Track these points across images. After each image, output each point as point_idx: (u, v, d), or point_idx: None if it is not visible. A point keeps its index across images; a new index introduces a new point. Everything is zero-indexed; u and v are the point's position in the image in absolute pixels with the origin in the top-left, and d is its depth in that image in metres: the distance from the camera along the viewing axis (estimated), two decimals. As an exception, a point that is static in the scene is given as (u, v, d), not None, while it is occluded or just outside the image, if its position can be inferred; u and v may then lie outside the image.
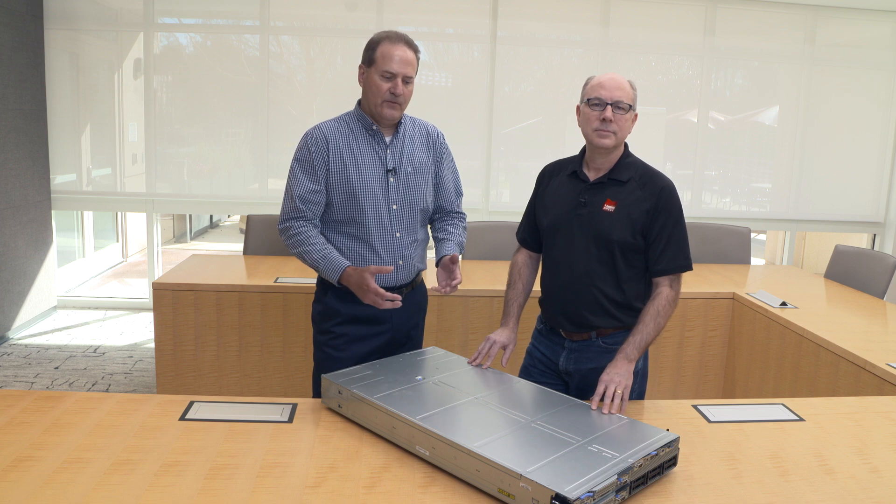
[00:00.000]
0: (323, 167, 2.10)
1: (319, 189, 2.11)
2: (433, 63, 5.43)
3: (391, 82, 2.06)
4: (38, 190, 4.93)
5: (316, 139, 2.11)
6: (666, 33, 5.39)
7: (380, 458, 1.55)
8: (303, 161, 2.12)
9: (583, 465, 1.37)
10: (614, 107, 1.89)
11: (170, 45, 5.24)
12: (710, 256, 4.20)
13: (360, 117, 2.16)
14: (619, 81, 1.91)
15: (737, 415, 1.87)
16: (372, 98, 2.09)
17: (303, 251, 2.10)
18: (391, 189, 2.14)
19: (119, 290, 6.21)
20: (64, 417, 1.69)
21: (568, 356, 2.03)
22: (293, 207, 2.11)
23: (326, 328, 2.19)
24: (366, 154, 2.13)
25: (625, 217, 1.91)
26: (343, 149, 2.11)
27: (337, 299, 2.16)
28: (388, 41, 2.06)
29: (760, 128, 5.77)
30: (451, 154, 2.36)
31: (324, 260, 2.08)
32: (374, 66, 2.06)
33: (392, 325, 2.19)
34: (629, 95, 1.91)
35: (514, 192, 5.50)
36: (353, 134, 2.14)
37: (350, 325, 2.16)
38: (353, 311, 2.14)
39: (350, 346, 2.15)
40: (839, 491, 1.47)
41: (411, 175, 2.18)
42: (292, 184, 2.12)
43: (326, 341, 2.19)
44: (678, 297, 1.95)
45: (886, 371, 2.31)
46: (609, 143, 1.93)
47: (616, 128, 1.91)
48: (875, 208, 5.71)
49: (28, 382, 3.92)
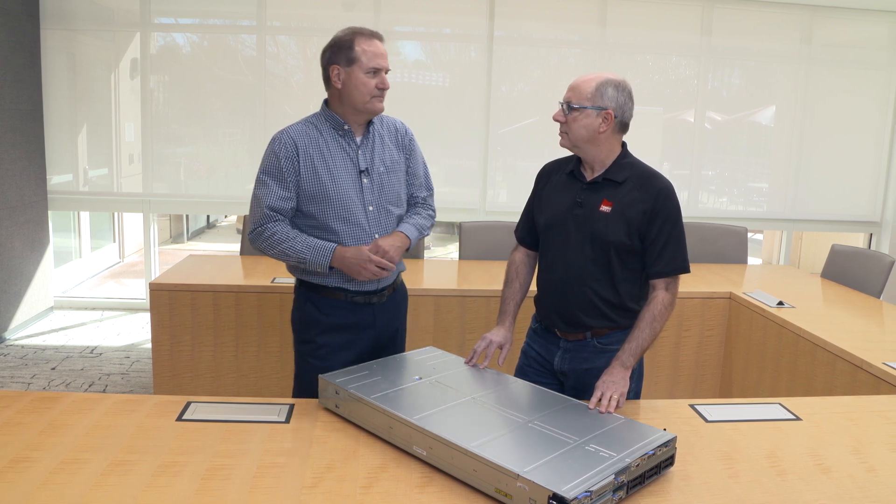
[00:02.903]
0: (293, 173, 2.03)
1: (290, 196, 2.04)
2: (430, 63, 5.43)
3: (378, 77, 2.04)
4: (35, 190, 4.92)
5: (284, 144, 2.04)
6: (663, 33, 5.40)
7: (377, 459, 1.55)
8: (271, 168, 2.04)
9: (580, 464, 1.37)
10: (565, 105, 1.91)
11: (166, 45, 5.23)
12: (707, 256, 4.20)
13: (329, 118, 2.09)
14: (578, 81, 1.90)
15: (734, 414, 1.87)
16: (359, 97, 2.03)
17: (284, 248, 2.03)
18: (366, 190, 2.08)
19: (116, 290, 6.19)
20: (60, 418, 1.69)
21: (563, 356, 2.03)
22: (263, 216, 2.03)
23: (308, 338, 2.13)
24: (337, 156, 2.07)
25: (621, 218, 1.91)
26: (313, 153, 2.05)
27: (318, 308, 2.11)
28: (362, 38, 2.03)
29: (757, 128, 5.78)
30: (420, 149, 2.30)
31: (310, 249, 2.01)
32: (358, 65, 2.01)
33: (375, 328, 2.15)
34: (581, 96, 1.88)
35: (511, 192, 5.50)
36: (323, 136, 2.07)
37: (333, 333, 2.11)
38: (335, 319, 2.10)
39: (334, 356, 2.10)
40: (836, 490, 1.47)
41: (384, 175, 2.12)
42: (262, 193, 2.04)
43: (309, 351, 2.13)
44: (675, 300, 1.94)
45: (883, 370, 2.32)
46: (562, 142, 1.95)
47: (566, 128, 1.92)
48: (871, 208, 5.72)
49: (25, 383, 3.91)
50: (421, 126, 5.31)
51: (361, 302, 2.12)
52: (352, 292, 2.10)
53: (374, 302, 2.14)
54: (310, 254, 2.02)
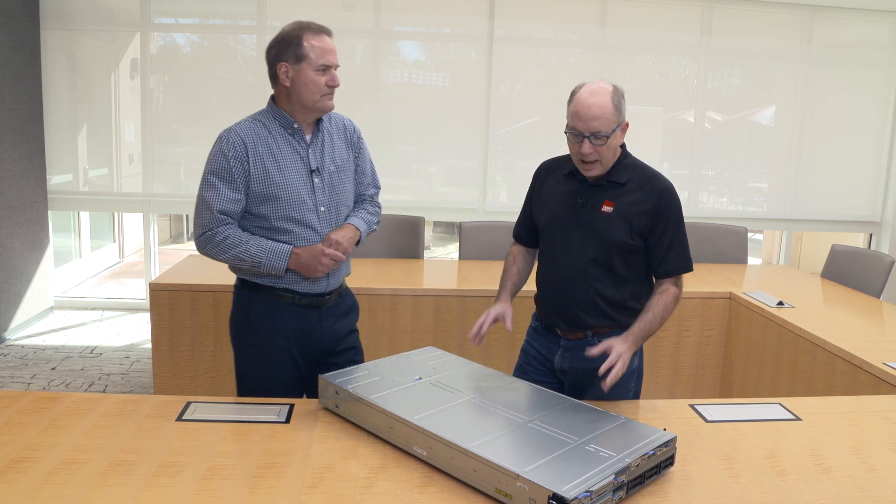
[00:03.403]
0: (242, 174, 1.94)
1: (240, 198, 1.96)
2: (430, 63, 5.43)
3: (328, 74, 1.96)
4: (35, 190, 4.92)
5: (232, 143, 1.94)
6: (663, 33, 5.40)
7: (377, 459, 1.55)
8: (219, 169, 1.94)
9: (580, 464, 1.37)
10: (593, 137, 1.84)
11: (166, 45, 5.23)
12: (708, 256, 4.20)
13: (277, 115, 2.01)
14: (594, 109, 1.81)
15: (734, 414, 1.87)
16: (309, 95, 1.96)
17: (238, 253, 1.95)
18: (317, 190, 2.02)
19: (116, 290, 6.19)
20: (60, 418, 1.69)
21: (563, 354, 2.04)
22: (213, 219, 1.95)
23: (254, 341, 2.07)
24: (287, 156, 1.99)
25: (623, 218, 1.92)
26: (263, 151, 1.96)
27: (264, 310, 2.05)
28: (310, 33, 1.95)
29: (757, 128, 5.78)
30: (367, 146, 2.25)
31: (265, 253, 1.95)
32: (307, 62, 1.93)
33: (322, 332, 2.10)
34: (608, 121, 1.82)
35: (510, 192, 5.50)
36: (272, 134, 1.99)
37: (278, 336, 2.05)
38: (281, 322, 2.04)
39: (280, 359, 2.06)
40: (836, 490, 1.47)
41: (335, 174, 2.07)
42: (210, 196, 1.94)
43: (255, 354, 2.07)
44: (681, 294, 1.98)
45: (883, 370, 2.32)
46: (595, 173, 1.92)
47: (597, 156, 1.87)
48: (871, 208, 5.72)
49: (25, 383, 3.91)
50: (421, 126, 5.38)
51: (307, 304, 2.07)
52: (300, 294, 2.05)
53: (319, 305, 2.09)
54: (265, 257, 1.96)
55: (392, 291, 3.27)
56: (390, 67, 5.33)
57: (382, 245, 4.00)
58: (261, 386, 2.07)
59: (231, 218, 1.98)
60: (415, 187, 5.46)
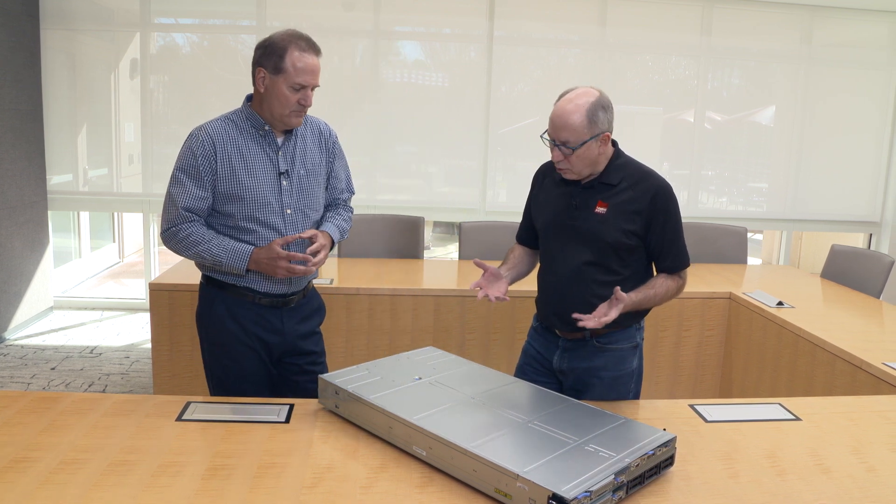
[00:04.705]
0: (209, 172, 1.96)
1: (206, 196, 1.98)
2: (430, 63, 5.43)
3: (301, 93, 1.95)
4: (35, 190, 4.92)
5: (202, 142, 1.96)
6: (663, 33, 5.40)
7: (377, 459, 1.55)
8: (187, 167, 1.97)
9: (580, 464, 1.37)
10: (563, 146, 1.86)
11: (166, 45, 5.23)
12: (707, 256, 4.20)
13: (249, 116, 2.03)
14: (564, 119, 1.83)
15: (733, 414, 1.87)
16: (278, 108, 1.96)
17: (200, 251, 1.97)
18: (284, 193, 2.03)
19: (115, 290, 6.19)
20: (60, 418, 1.69)
21: (562, 355, 2.04)
22: (178, 216, 1.97)
23: (217, 339, 2.09)
24: (256, 156, 2.00)
25: (617, 218, 1.92)
26: (231, 151, 1.98)
27: (227, 308, 2.06)
28: (296, 48, 1.92)
29: (757, 128, 5.78)
30: (343, 151, 2.25)
31: (226, 252, 1.96)
32: (284, 76, 1.92)
33: (284, 333, 2.10)
34: (577, 133, 1.82)
35: (510, 193, 5.50)
36: (242, 134, 2.01)
37: (242, 334, 2.06)
38: (244, 320, 2.06)
39: (246, 357, 2.07)
40: (836, 490, 1.47)
41: (304, 178, 2.07)
42: (177, 192, 1.97)
43: (221, 353, 2.09)
44: (685, 285, 2.01)
45: (883, 370, 2.32)
46: (570, 177, 1.94)
47: (569, 164, 1.89)
48: (871, 208, 5.72)
49: (24, 383, 3.91)
50: (421, 126, 5.38)
51: (268, 304, 2.08)
52: (259, 293, 2.06)
53: (280, 305, 2.09)
54: (226, 257, 1.97)
55: (392, 291, 3.27)
56: (390, 67, 5.33)
57: (382, 245, 4.00)
58: (226, 383, 2.09)
59: (196, 215, 2.00)
60: (415, 187, 5.46)
